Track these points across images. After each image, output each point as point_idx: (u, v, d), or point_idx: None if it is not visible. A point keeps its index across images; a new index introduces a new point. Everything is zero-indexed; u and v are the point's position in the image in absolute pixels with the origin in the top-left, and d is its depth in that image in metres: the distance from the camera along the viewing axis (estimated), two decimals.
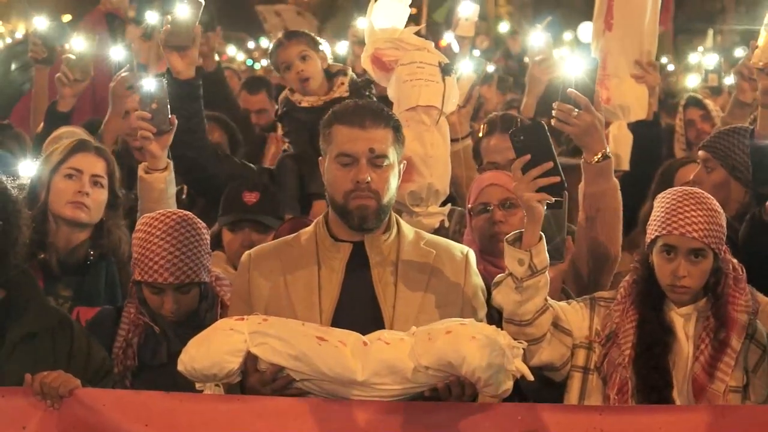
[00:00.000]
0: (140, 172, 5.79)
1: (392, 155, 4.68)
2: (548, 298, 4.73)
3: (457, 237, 5.66)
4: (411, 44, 6.03)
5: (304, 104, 7.04)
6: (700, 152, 6.57)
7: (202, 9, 6.41)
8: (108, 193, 5.73)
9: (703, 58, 15.44)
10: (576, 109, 4.97)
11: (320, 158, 4.93)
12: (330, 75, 7.21)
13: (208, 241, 5.21)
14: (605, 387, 4.79)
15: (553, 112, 5.14)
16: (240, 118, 9.07)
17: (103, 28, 9.55)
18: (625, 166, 7.33)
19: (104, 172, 5.72)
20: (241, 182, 6.52)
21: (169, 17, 6.50)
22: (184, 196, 6.89)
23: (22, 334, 4.59)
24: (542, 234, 4.62)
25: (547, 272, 4.69)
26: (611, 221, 5.28)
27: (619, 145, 7.36)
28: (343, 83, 7.14)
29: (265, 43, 14.38)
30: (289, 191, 6.83)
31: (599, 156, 5.11)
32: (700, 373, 4.67)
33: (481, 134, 6.83)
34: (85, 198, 5.60)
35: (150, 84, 5.71)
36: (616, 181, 5.23)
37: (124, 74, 7.38)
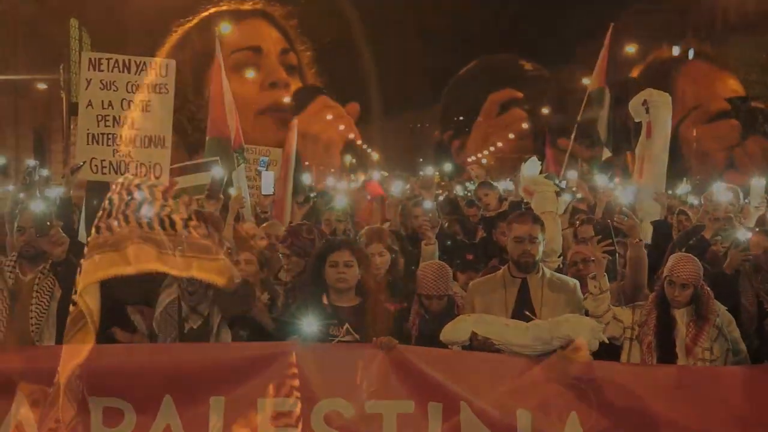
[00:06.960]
0: (423, 245, 6.02)
1: (539, 236, 4.98)
2: (610, 304, 4.94)
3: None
4: (541, 182, 6.74)
5: (487, 215, 8.10)
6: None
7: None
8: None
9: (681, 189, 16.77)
10: (627, 218, 5.40)
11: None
12: (500, 200, 8.29)
13: (451, 275, 5.35)
14: (641, 346, 4.98)
15: (615, 218, 5.58)
16: None
17: None
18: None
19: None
20: (463, 249, 7.16)
21: (420, 175, 7.25)
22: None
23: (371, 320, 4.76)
24: (606, 273, 4.92)
25: (608, 292, 4.87)
26: (642, 272, 5.48)
27: (644, 234, 7.22)
28: (505, 204, 8.19)
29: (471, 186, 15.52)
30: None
31: (637, 240, 5.44)
32: (689, 343, 4.95)
33: (577, 224, 7.28)
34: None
35: (427, 204, 6.38)
36: (645, 251, 5.48)
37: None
